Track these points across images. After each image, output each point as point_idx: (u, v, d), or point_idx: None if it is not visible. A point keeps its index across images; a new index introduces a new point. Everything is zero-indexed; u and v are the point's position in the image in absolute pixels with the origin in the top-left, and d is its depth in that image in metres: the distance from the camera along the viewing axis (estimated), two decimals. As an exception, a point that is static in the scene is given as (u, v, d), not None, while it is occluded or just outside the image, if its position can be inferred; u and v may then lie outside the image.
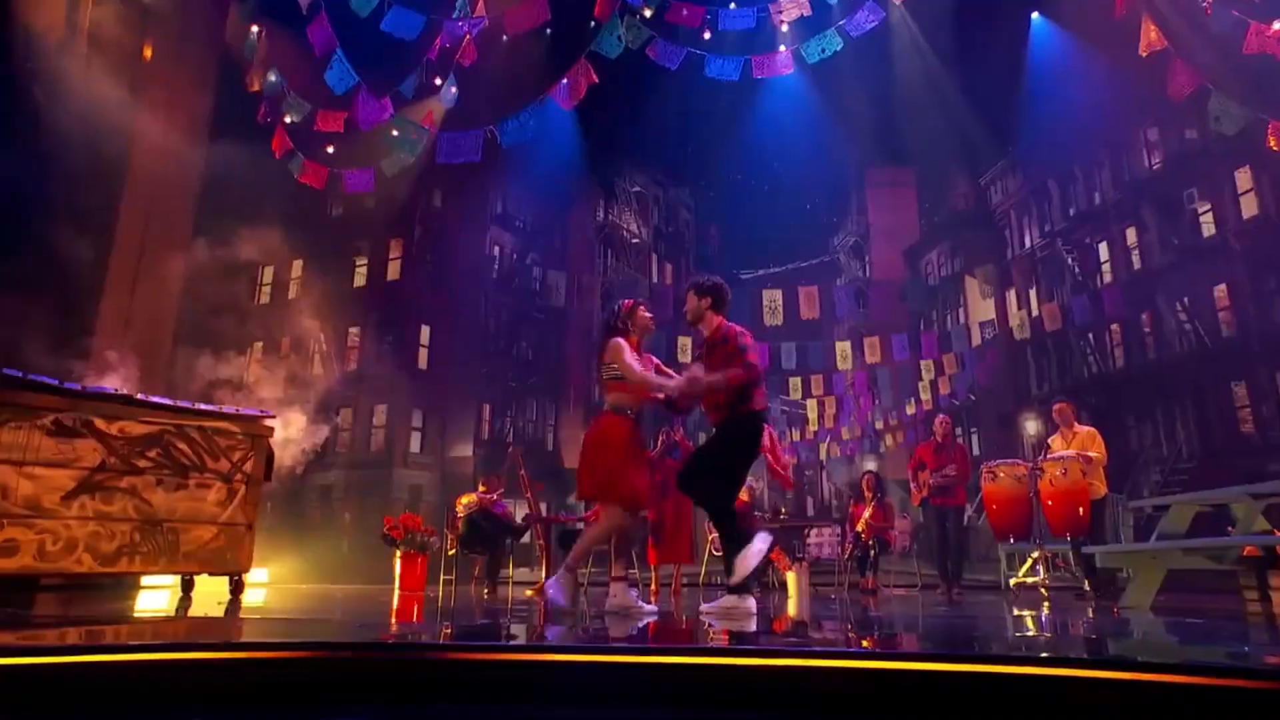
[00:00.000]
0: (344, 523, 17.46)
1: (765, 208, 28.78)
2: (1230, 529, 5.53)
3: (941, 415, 7.51)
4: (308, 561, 7.37)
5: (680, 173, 28.01)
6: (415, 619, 3.48)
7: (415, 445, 20.36)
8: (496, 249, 23.35)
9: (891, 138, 22.87)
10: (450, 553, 6.51)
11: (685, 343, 18.90)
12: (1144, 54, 5.90)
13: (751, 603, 3.28)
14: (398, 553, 6.11)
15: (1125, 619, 3.49)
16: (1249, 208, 17.22)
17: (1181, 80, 5.68)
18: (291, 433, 6.40)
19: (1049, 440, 6.43)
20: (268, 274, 21.67)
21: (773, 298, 17.45)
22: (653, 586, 6.52)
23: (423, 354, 20.81)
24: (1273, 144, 5.70)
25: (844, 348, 18.80)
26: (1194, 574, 4.18)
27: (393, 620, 3.40)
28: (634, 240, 26.33)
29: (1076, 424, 6.19)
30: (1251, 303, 17.00)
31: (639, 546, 6.89)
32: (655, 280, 25.99)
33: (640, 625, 2.89)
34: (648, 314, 3.77)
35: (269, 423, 4.51)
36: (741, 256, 31.39)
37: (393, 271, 21.19)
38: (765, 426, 3.72)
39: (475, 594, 6.01)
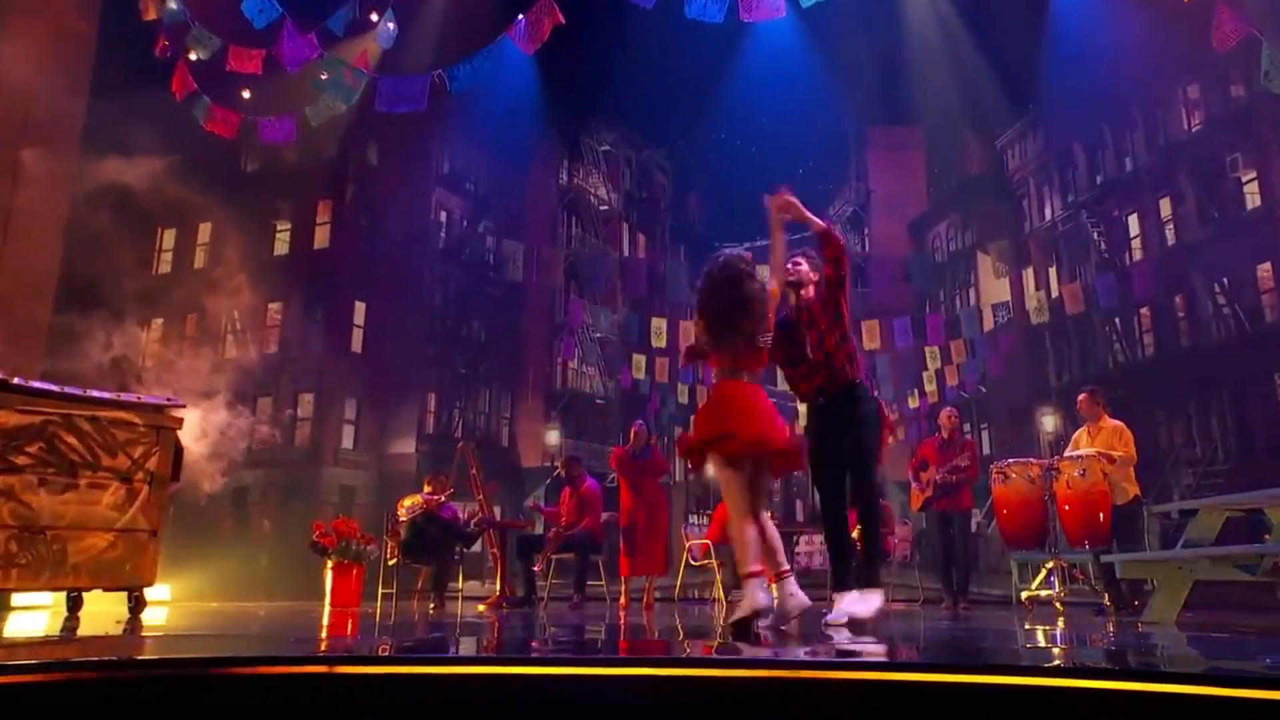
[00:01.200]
0: (263, 531, 17.26)
1: (752, 172, 28.91)
2: (1266, 536, 5.76)
3: (948, 408, 7.67)
4: (218, 576, 7.27)
5: (656, 131, 28.00)
6: (349, 634, 3.48)
7: (348, 440, 20.19)
8: (443, 214, 23.14)
9: (896, 93, 23.13)
10: (390, 562, 6.51)
11: (659, 324, 19.02)
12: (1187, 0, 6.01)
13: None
14: (329, 563, 6.08)
15: (1145, 634, 3.64)
16: (1301, 176, 17.71)
17: (1227, 29, 5.79)
18: (200, 426, 6.29)
19: (1074, 436, 6.58)
20: (168, 238, 21.20)
21: (760, 273, 17.58)
22: (622, 601, 6.62)
23: (357, 334, 20.59)
24: None
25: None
26: (1225, 587, 4.35)
27: (322, 636, 3.39)
28: (602, 207, 26.27)
29: (1104, 417, 6.33)
30: (1298, 285, 17.51)
31: (607, 556, 6.98)
32: (626, 253, 25.97)
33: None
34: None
35: (177, 413, 4.44)
36: (724, 227, 31.49)
37: (320, 238, 20.87)
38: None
39: (419, 609, 6.02)
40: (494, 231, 23.62)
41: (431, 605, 6.20)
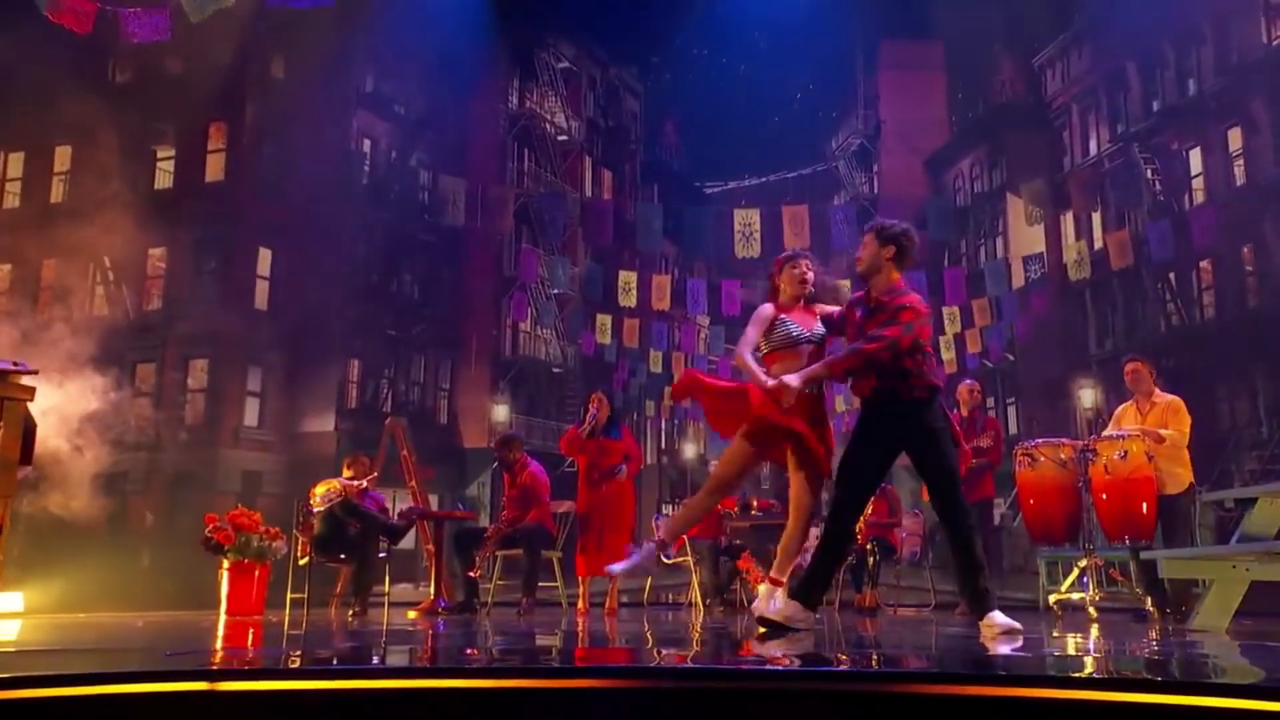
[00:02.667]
0: (144, 526, 17.06)
1: (739, 97, 28.78)
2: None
3: (969, 381, 7.77)
4: (87, 583, 7.14)
5: (626, 45, 27.64)
6: (246, 646, 3.44)
7: (251, 416, 20.01)
8: (367, 143, 22.84)
9: (914, 1, 22.90)
10: (301, 562, 6.46)
11: (628, 279, 18.96)
12: None
13: None
14: (225, 563, 6.04)
15: (1191, 642, 3.73)
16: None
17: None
18: (59, 398, 6.11)
19: (1116, 412, 6.66)
20: (14, 164, 20.54)
21: (747, 219, 17.68)
22: (580, 605, 6.66)
23: (261, 288, 20.32)
24: None
25: (842, 288, 19.19)
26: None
27: (215, 648, 3.35)
28: (560, 137, 25.99)
29: (1157, 391, 6.40)
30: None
31: (561, 553, 7.00)
32: (589, 194, 25.78)
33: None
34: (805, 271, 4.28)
35: (26, 381, 4.29)
36: (706, 163, 31.39)
37: (213, 169, 20.44)
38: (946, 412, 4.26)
39: (338, 616, 6.00)
40: (429, 165, 23.28)
41: (352, 612, 6.19)
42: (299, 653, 3.23)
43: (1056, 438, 6.78)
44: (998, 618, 3.75)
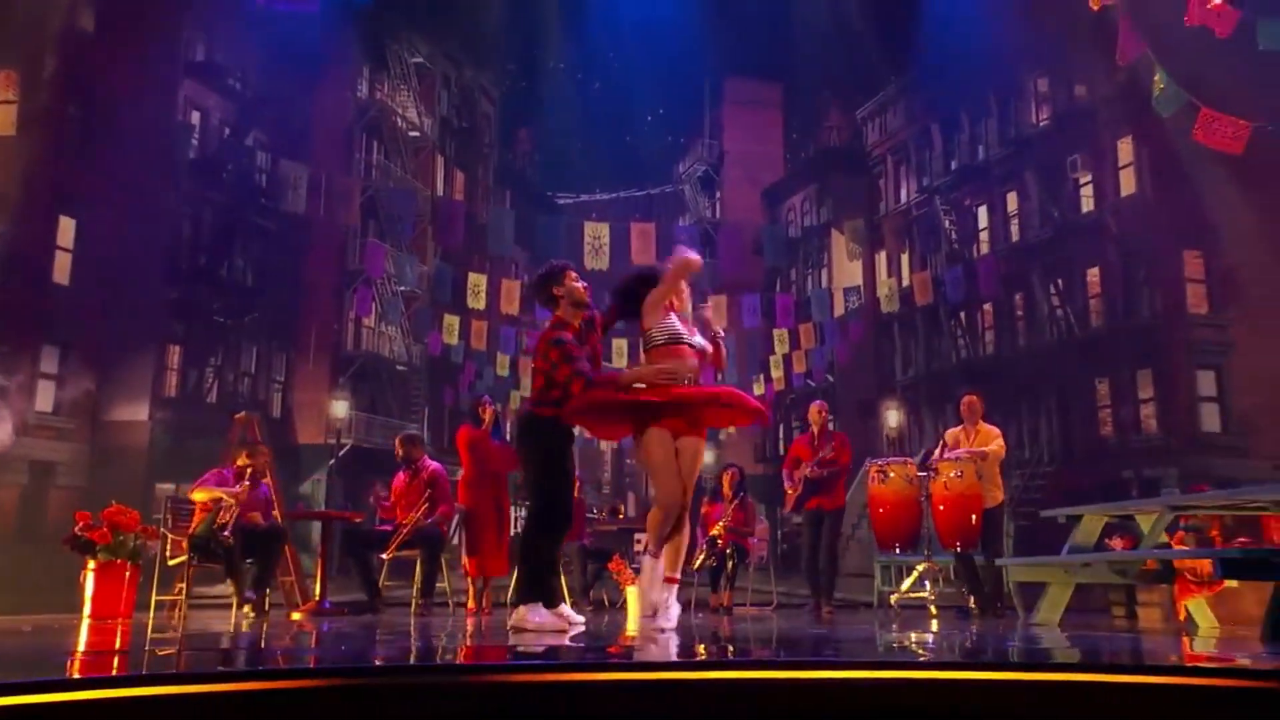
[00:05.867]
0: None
1: (593, 113, 29.04)
2: (1108, 542, 7.05)
3: (818, 402, 8.36)
4: None
5: (482, 48, 27.11)
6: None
7: (45, 401, 18.25)
8: (195, 115, 21.39)
9: (760, 41, 24.18)
10: (171, 562, 6.05)
11: (478, 281, 18.74)
12: (1095, 7, 7.07)
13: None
14: (91, 564, 5.57)
15: (1034, 634, 4.34)
16: (1127, 184, 20.93)
17: (1129, 45, 6.92)
18: None
19: (947, 437, 7.49)
20: None
21: (597, 233, 17.97)
22: (469, 604, 6.65)
23: (62, 261, 18.59)
24: (1201, 136, 7.19)
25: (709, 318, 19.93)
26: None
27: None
28: (412, 133, 25.30)
29: (982, 421, 7.27)
30: (1121, 292, 20.83)
31: (449, 554, 6.96)
32: (441, 192, 25.18)
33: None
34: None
35: None
36: (560, 174, 31.42)
37: (3, 121, 18.16)
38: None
39: (237, 617, 5.71)
40: (269, 148, 21.99)
41: (251, 610, 5.86)
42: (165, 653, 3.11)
43: (902, 457, 7.57)
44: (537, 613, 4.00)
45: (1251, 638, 4.15)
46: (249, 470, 6.17)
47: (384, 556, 6.38)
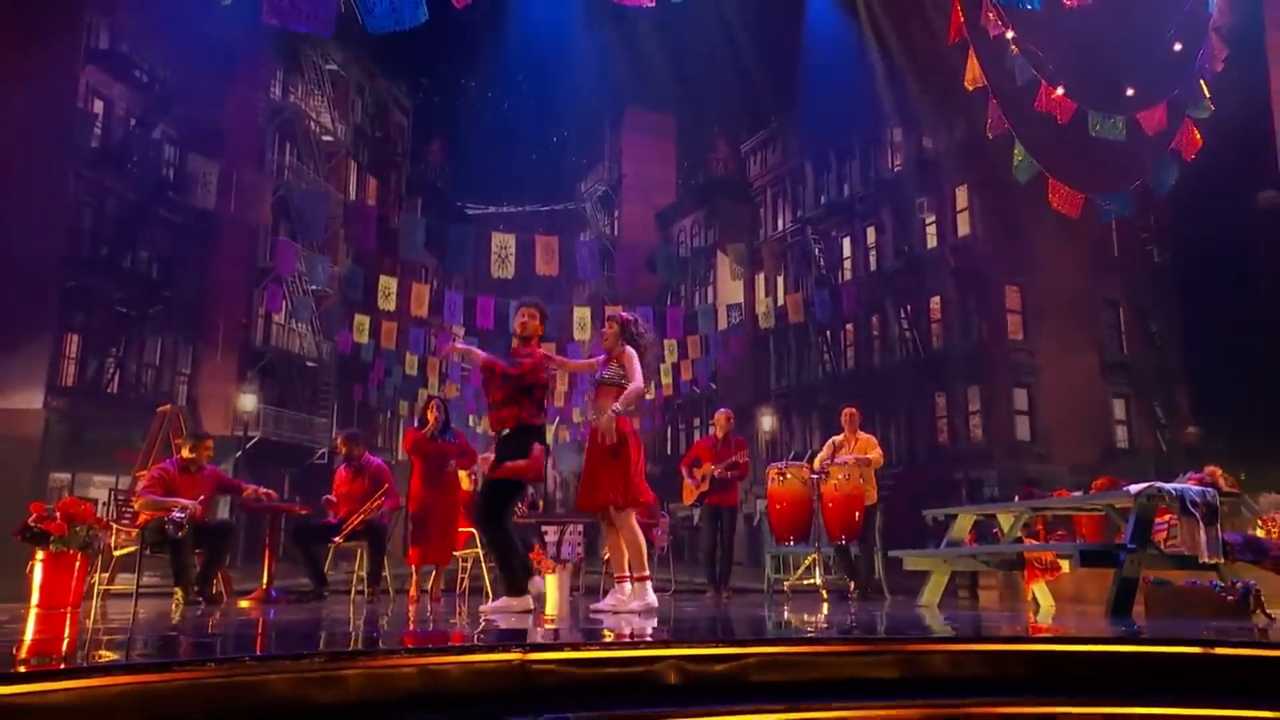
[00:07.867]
0: None
1: (504, 130, 29.01)
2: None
3: (724, 410, 8.87)
4: None
5: (396, 61, 26.68)
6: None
7: (-76, 386, 16.74)
8: (98, 104, 20.15)
9: (658, 75, 24.82)
10: (117, 552, 5.87)
11: (389, 284, 18.45)
12: (969, 88, 7.93)
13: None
14: (40, 555, 5.32)
15: (918, 613, 4.95)
16: (964, 226, 23.04)
17: (997, 121, 7.80)
18: None
19: (831, 443, 8.16)
20: None
21: (504, 243, 18.03)
22: (412, 591, 6.74)
23: (-57, 239, 16.97)
24: (1054, 202, 8.20)
25: (583, 315, 20.21)
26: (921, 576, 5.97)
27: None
28: (325, 137, 24.59)
29: (859, 430, 8.01)
30: (957, 318, 22.89)
31: (390, 544, 7.03)
32: (353, 196, 24.51)
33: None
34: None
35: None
36: (469, 185, 31.20)
37: (-118, 96, 16.61)
38: None
39: (192, 607, 5.61)
40: (177, 142, 20.87)
41: (197, 594, 5.76)
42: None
43: (798, 461, 8.17)
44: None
45: (1084, 613, 4.90)
46: (193, 464, 6.10)
47: (337, 540, 6.41)
